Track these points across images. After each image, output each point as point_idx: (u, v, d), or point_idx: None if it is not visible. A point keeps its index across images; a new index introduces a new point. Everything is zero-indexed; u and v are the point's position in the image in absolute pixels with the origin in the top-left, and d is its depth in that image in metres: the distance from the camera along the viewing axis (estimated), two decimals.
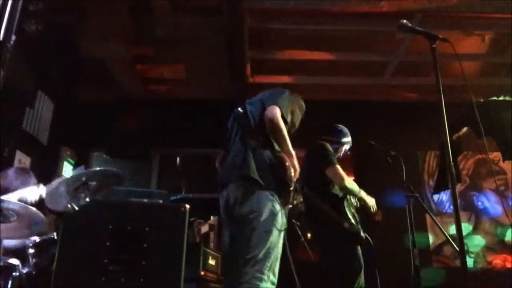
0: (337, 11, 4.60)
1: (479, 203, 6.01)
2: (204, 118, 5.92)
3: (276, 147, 2.37)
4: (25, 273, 2.48)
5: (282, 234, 2.26)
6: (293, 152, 2.37)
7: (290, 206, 2.44)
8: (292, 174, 2.28)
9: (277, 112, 2.32)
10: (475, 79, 5.83)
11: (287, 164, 2.27)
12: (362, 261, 3.13)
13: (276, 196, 2.26)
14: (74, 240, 1.86)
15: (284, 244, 2.28)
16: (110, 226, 1.87)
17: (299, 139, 2.62)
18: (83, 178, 2.54)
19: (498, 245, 5.83)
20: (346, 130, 3.50)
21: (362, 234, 3.20)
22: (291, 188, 2.30)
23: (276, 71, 5.77)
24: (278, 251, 2.21)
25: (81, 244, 1.85)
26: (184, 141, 6.01)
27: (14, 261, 2.59)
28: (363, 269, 3.13)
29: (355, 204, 3.37)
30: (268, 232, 2.18)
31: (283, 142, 2.33)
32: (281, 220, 2.24)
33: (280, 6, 4.51)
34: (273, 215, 2.21)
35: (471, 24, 4.92)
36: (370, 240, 3.31)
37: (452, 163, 1.74)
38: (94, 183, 2.58)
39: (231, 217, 2.35)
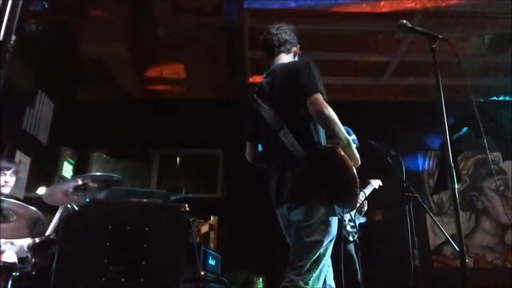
0: (337, 11, 4.60)
1: (479, 203, 6.01)
2: (204, 118, 5.93)
3: (322, 138, 2.11)
4: (25, 273, 2.48)
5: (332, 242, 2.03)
6: (349, 138, 2.03)
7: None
8: (355, 171, 1.93)
9: (319, 100, 2.04)
10: (475, 79, 5.82)
11: (347, 163, 1.93)
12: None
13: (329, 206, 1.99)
14: (74, 240, 1.86)
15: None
16: (110, 226, 1.86)
17: None
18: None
19: (498, 245, 5.83)
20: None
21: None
22: (357, 190, 1.94)
23: None
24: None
25: (81, 244, 1.85)
26: (184, 141, 6.01)
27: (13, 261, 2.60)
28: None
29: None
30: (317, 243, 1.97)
31: (337, 130, 2.01)
32: (332, 230, 2.00)
33: (280, 6, 4.51)
34: (323, 224, 1.98)
35: (471, 24, 4.91)
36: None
37: (452, 163, 1.73)
38: (94, 185, 2.59)
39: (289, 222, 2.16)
